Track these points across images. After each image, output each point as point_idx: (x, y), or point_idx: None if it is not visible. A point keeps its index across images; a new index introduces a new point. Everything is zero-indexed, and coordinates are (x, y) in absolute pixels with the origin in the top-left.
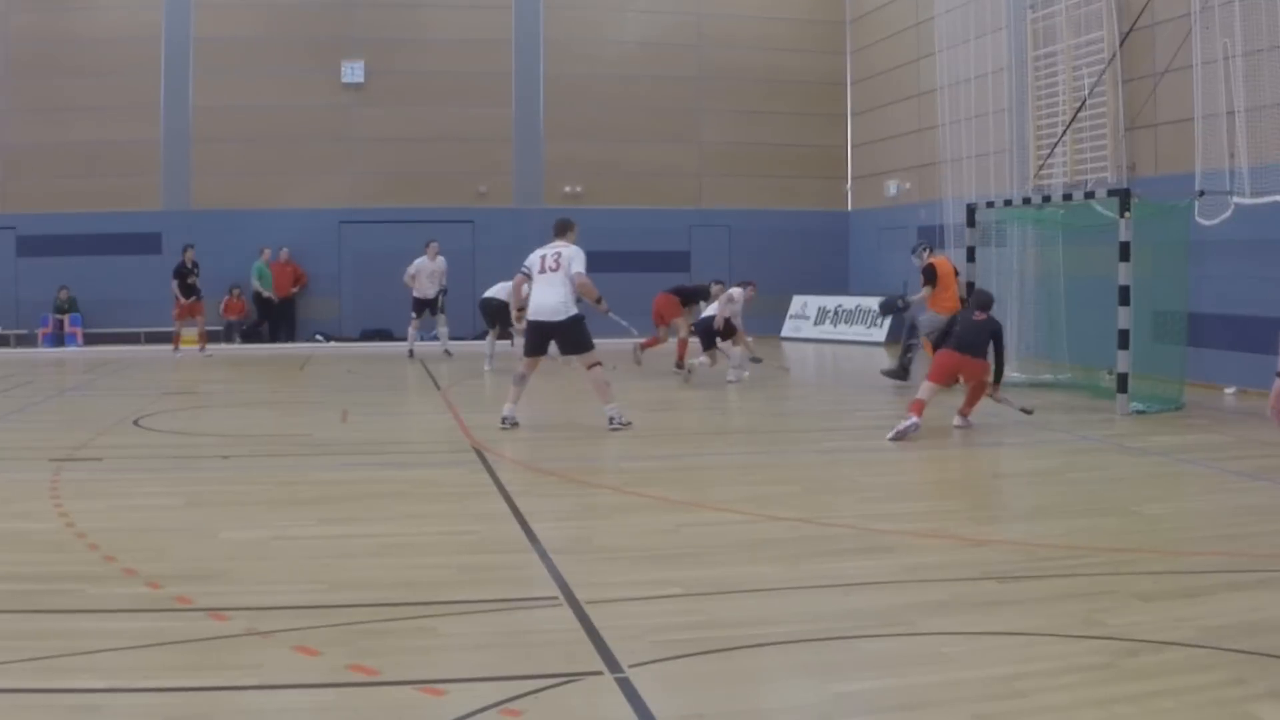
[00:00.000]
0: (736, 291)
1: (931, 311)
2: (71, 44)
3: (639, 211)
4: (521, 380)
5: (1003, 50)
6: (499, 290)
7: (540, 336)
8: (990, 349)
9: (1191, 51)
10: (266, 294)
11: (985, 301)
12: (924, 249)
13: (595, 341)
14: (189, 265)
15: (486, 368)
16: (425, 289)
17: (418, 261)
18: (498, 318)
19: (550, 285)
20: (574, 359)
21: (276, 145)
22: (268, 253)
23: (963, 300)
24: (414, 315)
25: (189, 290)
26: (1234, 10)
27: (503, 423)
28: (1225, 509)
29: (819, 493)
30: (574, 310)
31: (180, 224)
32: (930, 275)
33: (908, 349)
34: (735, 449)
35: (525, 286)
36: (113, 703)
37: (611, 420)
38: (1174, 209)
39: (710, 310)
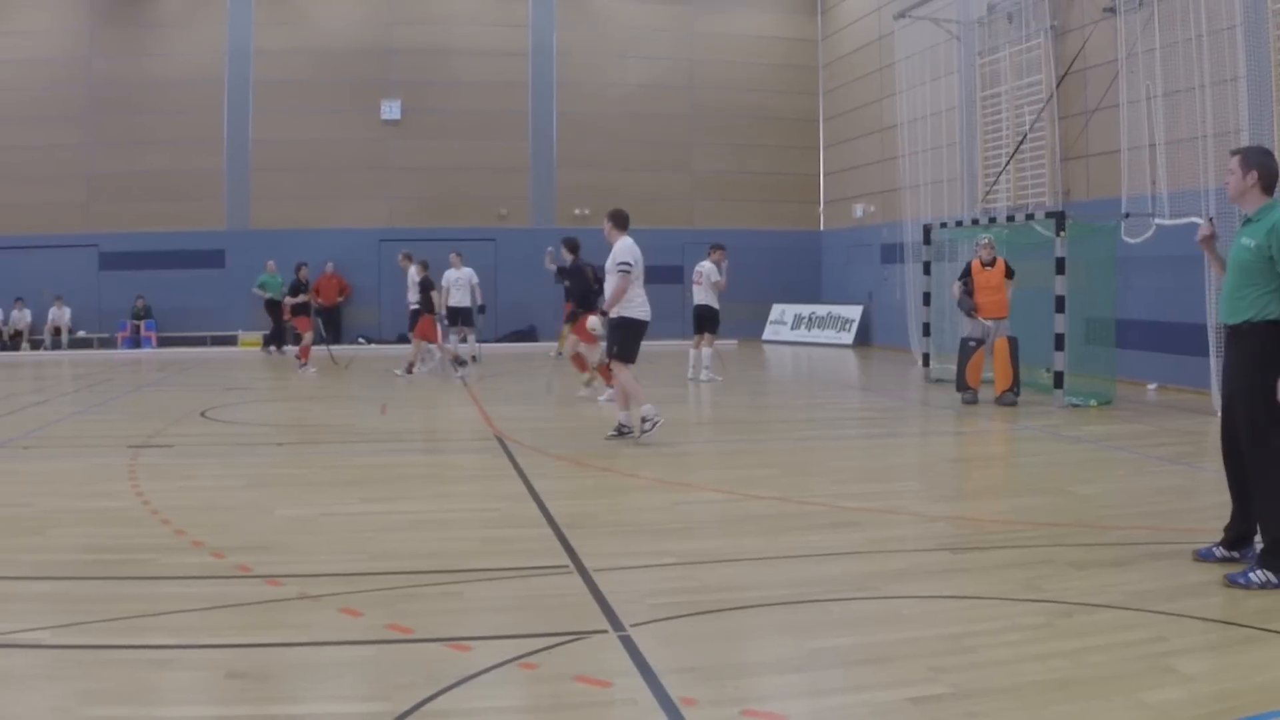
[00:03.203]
0: (705, 266)
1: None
2: (147, 85)
3: (639, 231)
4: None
5: (954, 91)
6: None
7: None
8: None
9: (1118, 92)
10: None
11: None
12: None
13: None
14: (304, 282)
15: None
16: (459, 298)
17: (448, 273)
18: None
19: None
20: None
21: (324, 173)
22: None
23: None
24: (448, 323)
25: (304, 307)
26: (1155, 57)
27: (658, 417)
28: (1148, 489)
29: (795, 475)
30: None
31: (241, 242)
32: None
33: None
34: (721, 438)
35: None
36: (183, 657)
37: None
38: (1103, 229)
39: (702, 298)
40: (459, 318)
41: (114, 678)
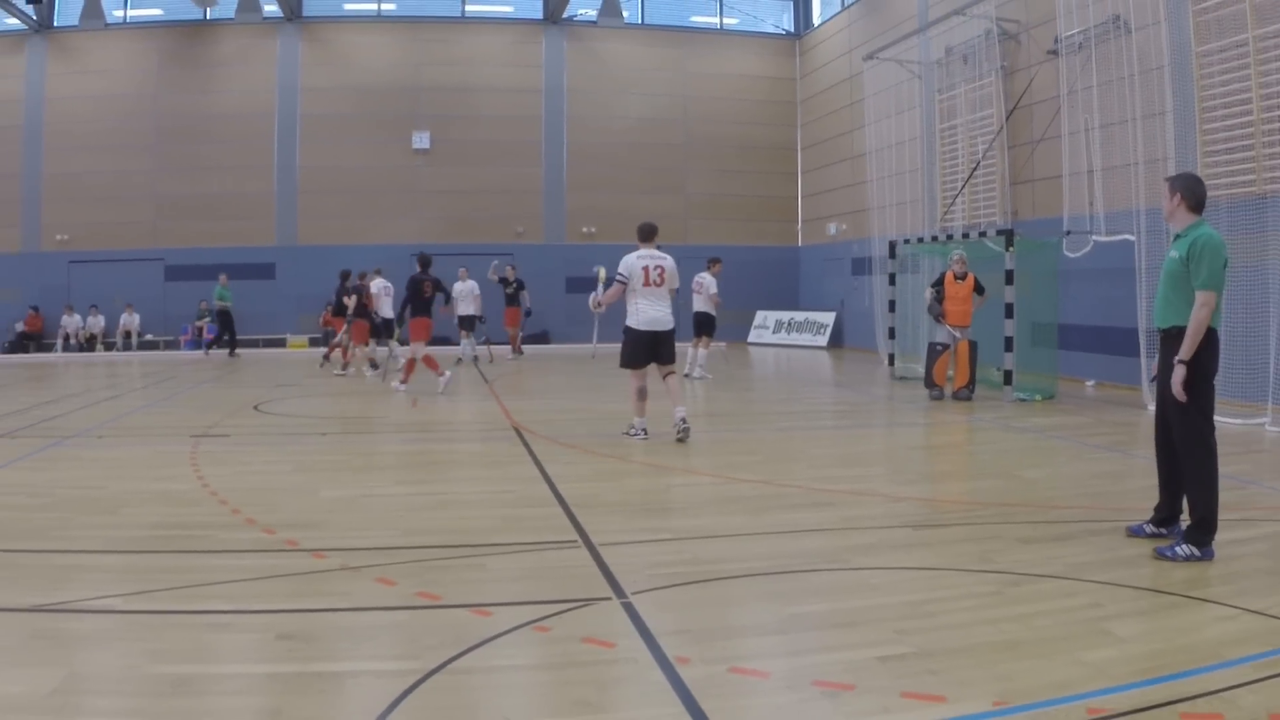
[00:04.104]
0: (705, 277)
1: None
2: (207, 118)
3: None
4: (645, 394)
5: (916, 123)
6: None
7: (652, 346)
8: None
9: (1060, 124)
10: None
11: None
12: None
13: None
14: (350, 289)
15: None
16: (465, 308)
17: (455, 286)
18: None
19: (660, 299)
20: (654, 365)
21: (362, 195)
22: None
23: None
24: (461, 330)
25: (342, 310)
26: (1093, 93)
27: (640, 432)
28: (1086, 473)
29: (777, 461)
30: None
31: (289, 256)
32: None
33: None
34: (711, 428)
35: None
36: (238, 621)
37: (682, 425)
38: (1047, 244)
39: (701, 306)
40: (466, 325)
41: (178, 639)
